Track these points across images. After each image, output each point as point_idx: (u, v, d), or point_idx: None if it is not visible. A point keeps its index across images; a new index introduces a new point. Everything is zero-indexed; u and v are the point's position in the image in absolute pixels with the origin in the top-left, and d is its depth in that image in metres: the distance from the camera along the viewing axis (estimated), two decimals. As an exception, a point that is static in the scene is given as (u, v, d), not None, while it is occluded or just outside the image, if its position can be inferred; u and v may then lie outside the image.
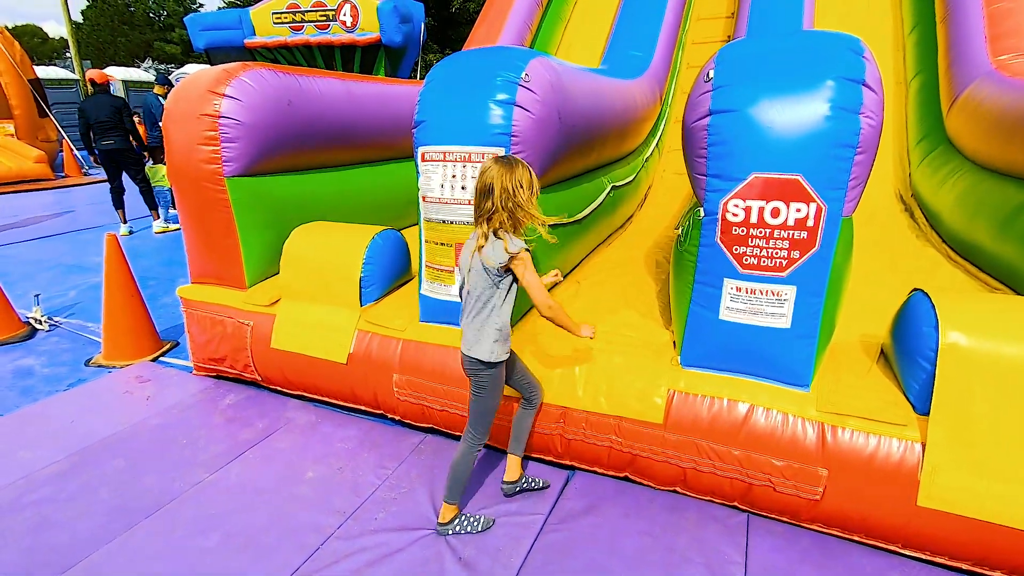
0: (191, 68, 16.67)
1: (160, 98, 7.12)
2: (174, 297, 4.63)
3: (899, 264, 3.41)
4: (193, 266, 3.33)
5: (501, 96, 2.35)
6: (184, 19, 11.58)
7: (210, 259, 3.22)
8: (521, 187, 1.84)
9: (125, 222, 7.09)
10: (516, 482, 2.34)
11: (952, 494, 1.81)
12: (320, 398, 3.07)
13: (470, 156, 2.41)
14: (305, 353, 2.91)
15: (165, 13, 41.99)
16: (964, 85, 4.36)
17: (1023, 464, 1.75)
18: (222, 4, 27.66)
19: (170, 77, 17.52)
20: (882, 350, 2.30)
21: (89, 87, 6.75)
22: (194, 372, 3.42)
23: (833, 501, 2.01)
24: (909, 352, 1.97)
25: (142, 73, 17.65)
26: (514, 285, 1.98)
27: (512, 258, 1.85)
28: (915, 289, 2.09)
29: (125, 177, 6.96)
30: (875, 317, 2.51)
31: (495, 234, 1.87)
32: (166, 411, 3.02)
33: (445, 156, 2.43)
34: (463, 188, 2.45)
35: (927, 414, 1.88)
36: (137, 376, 3.41)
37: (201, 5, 43.62)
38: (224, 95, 2.92)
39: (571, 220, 3.02)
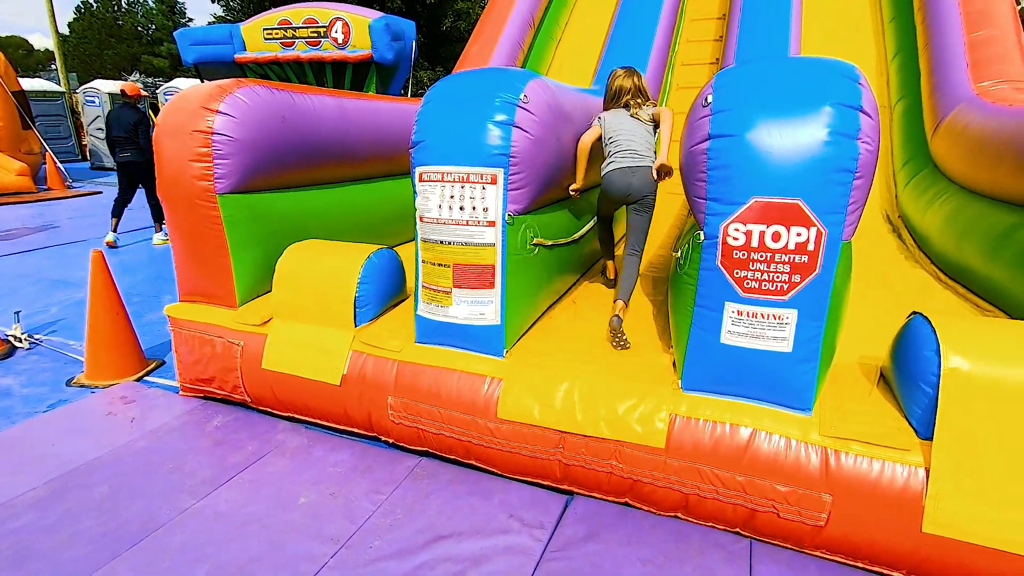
0: (179, 82, 16.56)
1: None
2: (160, 314, 4.54)
3: (892, 285, 3.45)
4: (182, 284, 3.26)
5: (500, 117, 2.35)
6: (173, 33, 11.56)
7: (200, 277, 3.15)
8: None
9: (115, 231, 7.08)
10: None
11: (957, 520, 1.80)
12: (312, 420, 3.00)
13: (468, 177, 2.39)
14: (297, 374, 2.85)
15: (154, 27, 41.90)
16: (947, 110, 4.47)
17: (1029, 491, 1.75)
18: (212, 19, 27.66)
19: (158, 91, 17.42)
20: (882, 373, 2.30)
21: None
22: (180, 392, 3.34)
23: (837, 527, 1.99)
24: (911, 376, 1.98)
25: (129, 86, 17.51)
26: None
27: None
28: (914, 312, 2.10)
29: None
30: (872, 338, 2.52)
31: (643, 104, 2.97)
32: (151, 434, 2.93)
33: (443, 176, 2.42)
34: (461, 208, 2.43)
35: (930, 439, 1.88)
36: (121, 397, 3.31)
37: (191, 20, 43.63)
38: (217, 111, 2.88)
39: (569, 240, 3.01)
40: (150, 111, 16.39)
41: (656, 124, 2.94)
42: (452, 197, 2.44)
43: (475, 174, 2.39)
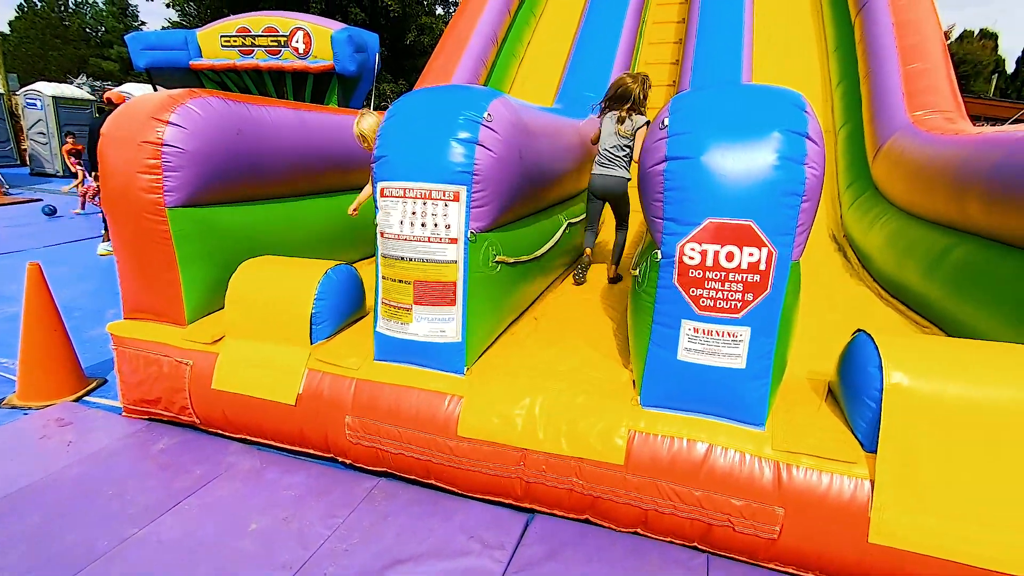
0: (130, 87, 15.96)
1: None
2: (102, 330, 4.31)
3: (838, 302, 3.60)
4: (127, 300, 3.11)
5: (463, 134, 2.35)
6: (125, 37, 11.17)
7: (147, 293, 3.02)
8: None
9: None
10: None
11: (901, 530, 1.87)
12: (265, 441, 2.89)
13: (430, 193, 2.38)
14: (250, 394, 2.75)
15: (103, 29, 40.37)
16: (886, 137, 4.74)
17: (966, 500, 1.84)
18: (166, 24, 26.87)
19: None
20: (829, 388, 2.39)
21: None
22: (123, 414, 3.17)
23: (790, 539, 2.04)
24: (856, 391, 2.06)
25: (74, 90, 16.68)
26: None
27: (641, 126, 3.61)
28: (859, 330, 2.20)
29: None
30: (820, 354, 2.61)
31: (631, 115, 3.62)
32: (90, 458, 2.77)
33: (405, 192, 2.40)
34: (423, 225, 2.41)
35: (875, 451, 1.96)
36: (57, 419, 3.12)
37: (143, 24, 42.24)
38: (168, 122, 2.78)
39: (531, 257, 3.03)
40: (96, 115, 15.76)
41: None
42: (414, 213, 2.42)
43: (437, 191, 2.38)
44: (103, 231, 7.07)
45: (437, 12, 26.92)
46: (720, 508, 2.10)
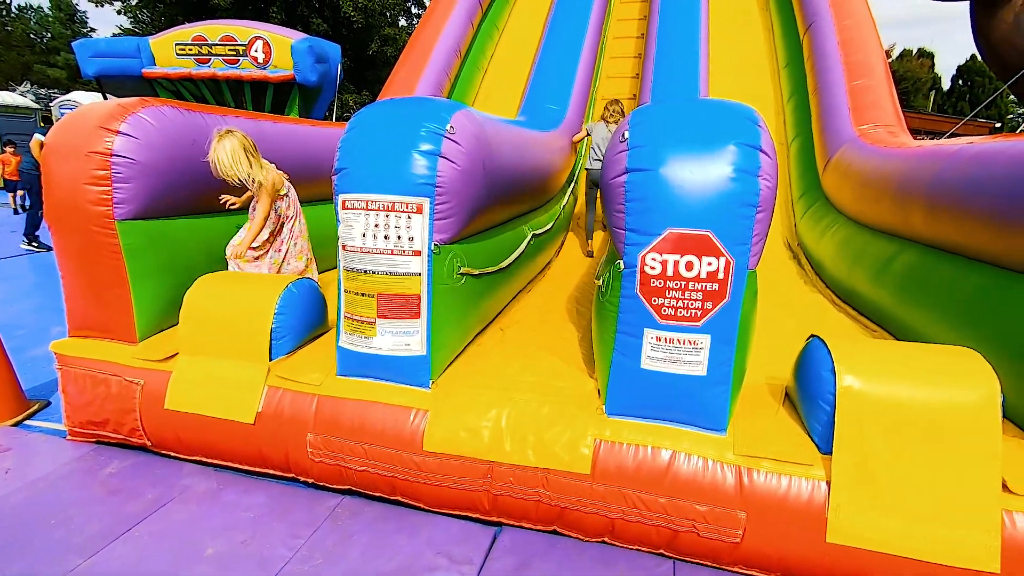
0: (78, 95, 15.34)
1: None
2: (45, 349, 4.08)
3: (793, 308, 3.72)
4: (73, 317, 2.97)
5: (426, 147, 2.35)
6: (72, 44, 10.76)
7: (94, 310, 2.88)
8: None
9: None
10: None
11: (857, 530, 1.93)
12: (222, 463, 2.79)
13: (393, 205, 2.36)
14: (206, 413, 2.65)
15: (49, 35, 38.74)
16: (834, 149, 4.95)
17: (917, 499, 1.91)
18: (117, 31, 25.96)
19: (52, 104, 16.06)
20: (787, 392, 2.46)
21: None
22: (68, 437, 3.00)
23: (752, 543, 2.08)
24: (810, 395, 2.13)
25: (16, 97, 15.92)
26: None
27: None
28: (813, 335, 2.27)
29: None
30: (777, 359, 2.69)
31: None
32: (32, 485, 2.61)
33: (368, 205, 2.37)
34: (386, 237, 2.39)
35: (831, 453, 2.02)
36: (-5, 445, 2.94)
37: (93, 30, 40.70)
38: (118, 132, 2.69)
39: (496, 269, 3.03)
40: (41, 124, 15.08)
41: None
42: (377, 226, 2.39)
43: (400, 203, 2.36)
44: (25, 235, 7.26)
45: (400, 23, 26.84)
46: (685, 514, 2.13)
